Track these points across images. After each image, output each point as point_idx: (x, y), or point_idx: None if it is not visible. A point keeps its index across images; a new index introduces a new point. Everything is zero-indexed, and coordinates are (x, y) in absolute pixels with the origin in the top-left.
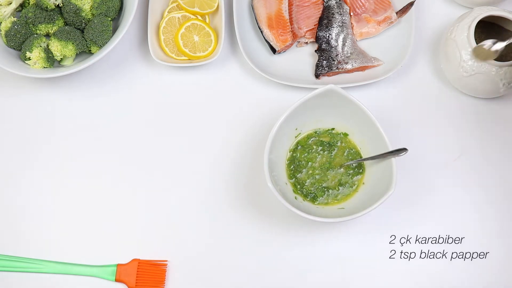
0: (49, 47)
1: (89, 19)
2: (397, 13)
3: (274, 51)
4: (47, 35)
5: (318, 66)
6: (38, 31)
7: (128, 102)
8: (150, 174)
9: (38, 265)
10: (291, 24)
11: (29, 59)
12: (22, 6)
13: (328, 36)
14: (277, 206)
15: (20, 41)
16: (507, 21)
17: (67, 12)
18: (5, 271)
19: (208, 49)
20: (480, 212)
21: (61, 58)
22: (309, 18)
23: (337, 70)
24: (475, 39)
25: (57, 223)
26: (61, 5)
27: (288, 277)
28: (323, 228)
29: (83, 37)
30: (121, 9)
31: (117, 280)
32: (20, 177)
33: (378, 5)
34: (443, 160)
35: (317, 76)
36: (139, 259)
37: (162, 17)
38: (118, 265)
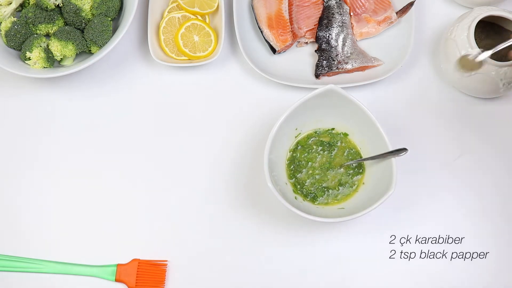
0: (49, 47)
1: (89, 19)
2: (397, 13)
3: (274, 51)
4: (47, 35)
5: (318, 66)
6: (38, 31)
7: (128, 102)
8: (150, 174)
9: (38, 265)
10: (291, 24)
11: (29, 59)
12: (22, 6)
13: (328, 36)
14: (277, 206)
15: (20, 41)
16: (507, 21)
17: (67, 12)
18: (5, 271)
19: (208, 49)
20: (480, 212)
21: (61, 58)
22: (309, 18)
23: (337, 70)
24: (475, 39)
25: (57, 223)
26: (61, 5)
27: (288, 277)
28: (323, 228)
29: (83, 37)
30: (121, 9)
31: (117, 280)
32: (20, 177)
33: (378, 5)
34: (443, 160)
35: (317, 76)
36: (139, 259)
37: (162, 17)
38: (118, 265)
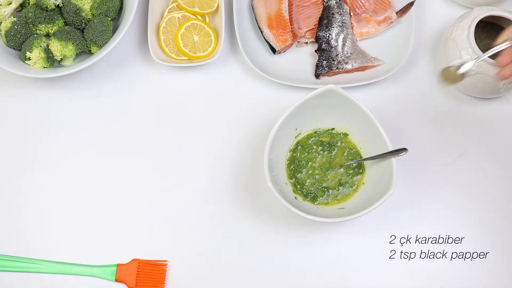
0: (49, 47)
1: (89, 19)
2: (397, 13)
3: (274, 51)
4: (47, 35)
5: (318, 66)
6: (38, 31)
7: (128, 102)
8: (150, 174)
9: (38, 265)
10: (291, 24)
11: (29, 59)
12: (22, 6)
13: (328, 36)
14: (277, 206)
15: (20, 41)
16: (507, 21)
17: (67, 12)
18: (5, 271)
19: (208, 49)
20: (480, 212)
21: (61, 58)
22: (309, 18)
23: (337, 70)
24: (475, 39)
25: (57, 223)
26: (61, 5)
27: (288, 277)
28: (323, 228)
29: (83, 37)
30: (121, 9)
31: (117, 280)
32: (20, 177)
33: (378, 5)
34: (443, 160)
35: (317, 76)
36: (139, 259)
37: (162, 17)
38: (118, 265)
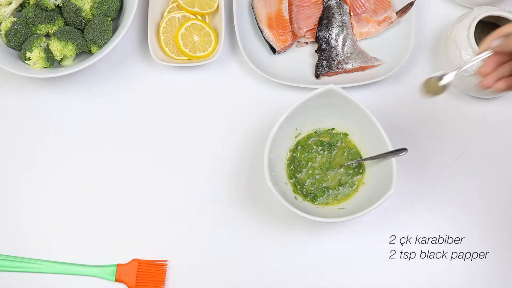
0: (49, 47)
1: (89, 19)
2: (397, 13)
3: (274, 51)
4: (47, 35)
5: (318, 66)
6: (38, 31)
7: (128, 102)
8: (150, 173)
9: (38, 265)
10: (291, 24)
11: (29, 59)
12: (22, 6)
13: (328, 36)
14: (277, 206)
15: (20, 41)
16: (507, 21)
17: (67, 12)
18: (5, 271)
19: (208, 49)
20: (480, 212)
21: (61, 58)
22: (309, 18)
23: (337, 70)
24: (475, 39)
25: (57, 223)
26: (61, 5)
27: (288, 277)
28: (323, 228)
29: (83, 37)
30: (121, 9)
31: (117, 280)
32: (20, 177)
33: (378, 5)
34: (443, 160)
35: (317, 76)
36: (139, 259)
37: (162, 17)
38: (118, 265)
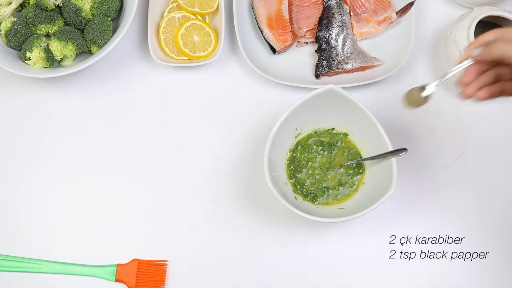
0: (49, 47)
1: (89, 19)
2: (397, 13)
3: (274, 51)
4: (47, 35)
5: (318, 66)
6: (38, 31)
7: (128, 102)
8: (150, 174)
9: (38, 265)
10: (291, 24)
11: (29, 59)
12: (22, 6)
13: (328, 36)
14: (277, 206)
15: (20, 41)
16: (507, 21)
17: (67, 12)
18: (5, 271)
19: (208, 49)
20: (480, 212)
21: (61, 58)
22: (309, 18)
23: (337, 70)
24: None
25: (57, 223)
26: (61, 5)
27: (288, 277)
28: (323, 228)
29: (83, 37)
30: (121, 9)
31: (117, 280)
32: (20, 177)
33: (378, 5)
34: (443, 160)
35: (317, 76)
36: (139, 259)
37: (162, 17)
38: (118, 265)
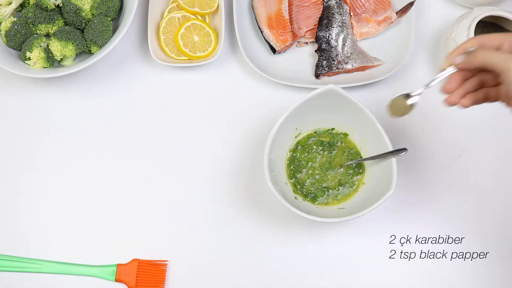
0: (49, 47)
1: (89, 19)
2: (397, 13)
3: (274, 51)
4: (47, 35)
5: (318, 66)
6: (38, 31)
7: (128, 102)
8: (150, 174)
9: (38, 265)
10: (291, 24)
11: (29, 59)
12: (22, 6)
13: (328, 36)
14: (277, 206)
15: (20, 41)
16: (507, 21)
17: (67, 12)
18: (5, 271)
19: (208, 49)
20: (480, 212)
21: (61, 58)
22: (309, 18)
23: (337, 70)
24: None
25: (57, 223)
26: (61, 5)
27: (288, 277)
28: (323, 228)
29: (83, 37)
30: (121, 9)
31: (117, 280)
32: (20, 177)
33: (378, 5)
34: (443, 160)
35: (317, 76)
36: (139, 259)
37: (162, 17)
38: (118, 265)
